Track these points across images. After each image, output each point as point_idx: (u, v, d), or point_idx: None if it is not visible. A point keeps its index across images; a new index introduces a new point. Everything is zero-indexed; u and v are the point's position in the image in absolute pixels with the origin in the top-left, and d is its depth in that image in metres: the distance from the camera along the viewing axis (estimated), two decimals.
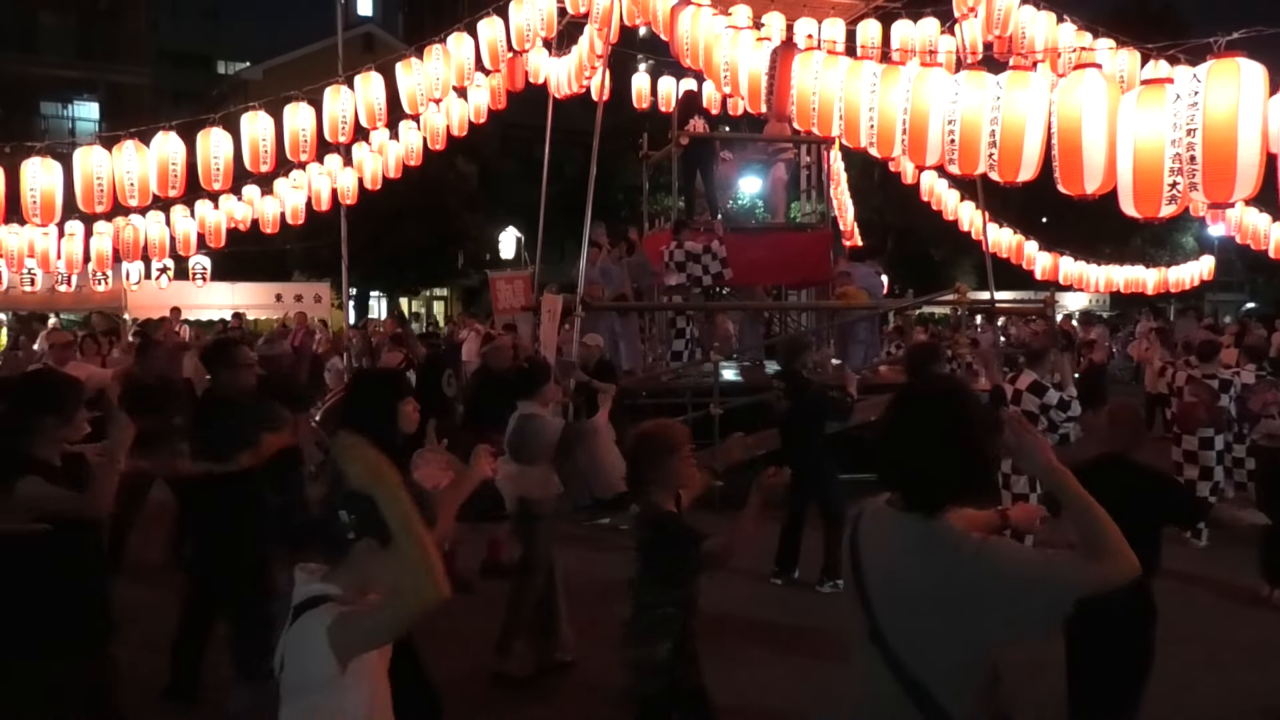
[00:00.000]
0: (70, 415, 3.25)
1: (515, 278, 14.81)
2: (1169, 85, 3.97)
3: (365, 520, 2.03)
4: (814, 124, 6.47)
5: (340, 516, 2.06)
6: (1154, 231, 29.64)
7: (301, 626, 2.00)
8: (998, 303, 12.68)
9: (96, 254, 12.53)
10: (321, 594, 2.04)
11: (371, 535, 2.03)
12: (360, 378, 3.67)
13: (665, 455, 3.18)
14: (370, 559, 2.05)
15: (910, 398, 2.15)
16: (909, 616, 1.96)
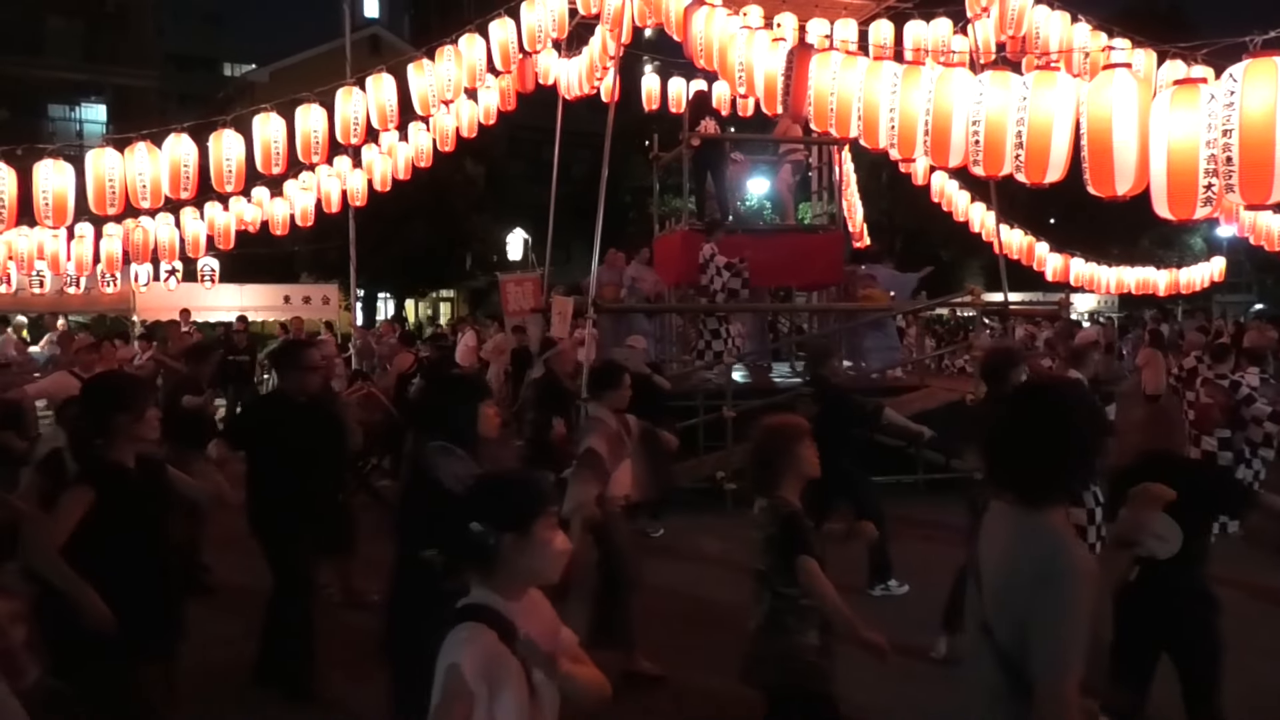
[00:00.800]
0: (142, 412, 3.26)
1: (525, 280, 14.77)
2: (1203, 85, 3.91)
3: (499, 518, 2.04)
4: (832, 125, 6.40)
5: (474, 528, 2.04)
6: (1162, 233, 29.55)
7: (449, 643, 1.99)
8: (1011, 305, 12.60)
9: (106, 256, 12.52)
10: (476, 604, 2.04)
11: (510, 529, 2.04)
12: (440, 381, 3.71)
13: (794, 446, 3.26)
14: (516, 552, 2.05)
15: (1023, 395, 2.25)
16: (1012, 609, 2.01)
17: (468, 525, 2.05)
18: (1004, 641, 2.01)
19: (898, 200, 24.53)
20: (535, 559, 2.07)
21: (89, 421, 3.26)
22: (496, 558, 2.04)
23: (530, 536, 2.06)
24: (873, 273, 11.42)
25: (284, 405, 4.77)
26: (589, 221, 10.21)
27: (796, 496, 3.27)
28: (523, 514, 2.07)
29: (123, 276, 15.93)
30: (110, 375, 4.34)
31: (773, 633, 3.22)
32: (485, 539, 2.03)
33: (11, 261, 12.61)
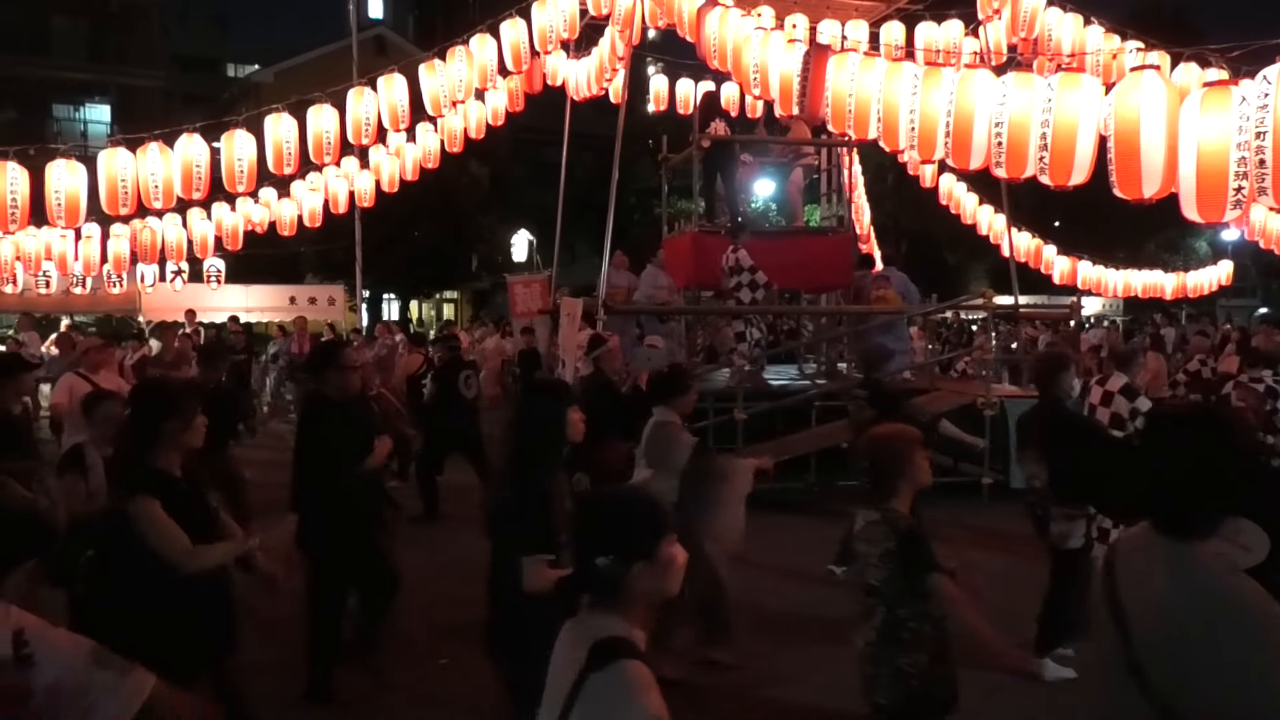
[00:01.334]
0: (190, 419, 3.23)
1: (532, 281, 14.73)
2: (1234, 87, 3.88)
3: (627, 549, 1.97)
4: (849, 126, 6.38)
5: (601, 563, 1.97)
6: (1167, 236, 29.53)
7: (623, 681, 1.87)
8: (1022, 308, 12.57)
9: (114, 256, 12.50)
10: (620, 638, 1.94)
11: (638, 557, 1.98)
12: (529, 386, 3.71)
13: (912, 455, 3.15)
14: (645, 579, 1.99)
15: (1166, 420, 2.12)
16: (1170, 646, 1.88)
17: (593, 559, 1.97)
18: (1159, 682, 1.89)
19: (904, 203, 24.51)
20: (661, 580, 2.02)
21: (137, 428, 3.23)
22: (626, 588, 1.97)
23: (657, 561, 2.00)
24: (888, 274, 11.38)
25: (326, 406, 4.74)
26: (593, 223, 10.21)
27: (908, 507, 3.17)
28: (651, 540, 2.01)
29: (129, 277, 15.91)
30: (159, 381, 4.28)
31: (887, 648, 3.13)
32: (615, 572, 1.97)
33: (18, 262, 12.60)
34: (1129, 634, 1.96)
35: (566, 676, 1.95)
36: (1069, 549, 4.66)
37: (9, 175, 7.40)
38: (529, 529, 3.10)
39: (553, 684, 2.04)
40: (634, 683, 1.86)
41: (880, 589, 3.12)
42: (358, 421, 4.78)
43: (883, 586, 3.12)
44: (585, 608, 2.01)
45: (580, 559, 2.02)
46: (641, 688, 1.86)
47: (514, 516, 3.19)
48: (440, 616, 5.99)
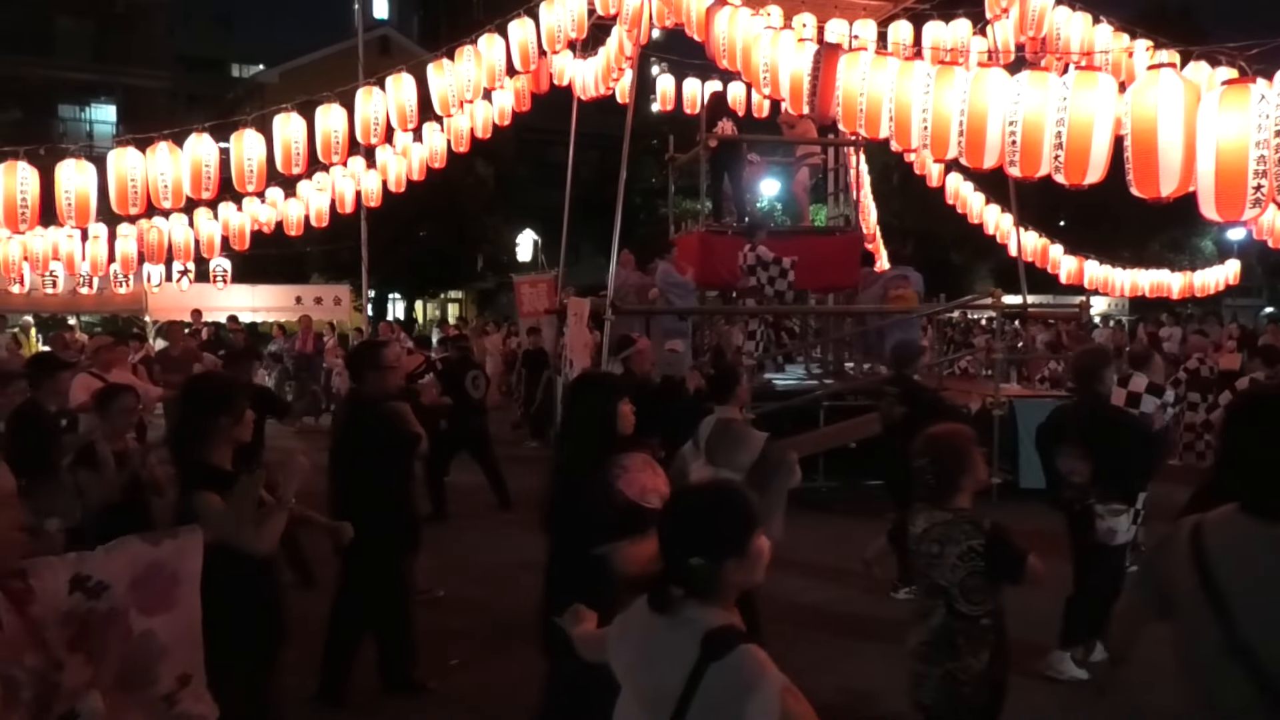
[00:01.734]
0: (240, 414, 3.26)
1: (539, 281, 14.74)
2: (1253, 85, 3.87)
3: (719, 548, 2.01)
4: (861, 125, 6.36)
5: (695, 563, 1.99)
6: (1172, 236, 29.47)
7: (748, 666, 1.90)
8: (1031, 307, 12.55)
9: (121, 256, 12.50)
10: (734, 626, 1.99)
11: (731, 554, 2.01)
12: (580, 380, 3.71)
13: (971, 454, 3.17)
14: (736, 573, 2.02)
15: (1257, 404, 2.15)
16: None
17: (686, 558, 2.00)
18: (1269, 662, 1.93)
19: (909, 203, 24.46)
20: (750, 573, 2.05)
21: (187, 424, 3.24)
22: (719, 582, 2.01)
23: (748, 555, 2.03)
24: (906, 273, 11.35)
25: (364, 407, 4.70)
26: (598, 222, 10.21)
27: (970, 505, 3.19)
28: (743, 537, 2.04)
29: (136, 277, 15.93)
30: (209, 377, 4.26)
31: (940, 651, 3.13)
32: (709, 570, 1.99)
33: (25, 262, 12.61)
34: (1231, 617, 1.97)
35: (674, 671, 1.94)
36: (1114, 545, 4.67)
37: (19, 175, 7.41)
38: (596, 521, 3.15)
39: (651, 680, 2.03)
40: (759, 663, 1.89)
41: (948, 589, 3.10)
42: (398, 422, 4.73)
43: (952, 587, 3.09)
44: (677, 600, 2.02)
45: (672, 556, 2.03)
46: (767, 666, 1.90)
47: (578, 510, 3.23)
48: (449, 616, 5.99)
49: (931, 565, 3.14)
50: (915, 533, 3.23)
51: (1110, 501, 4.54)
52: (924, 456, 3.19)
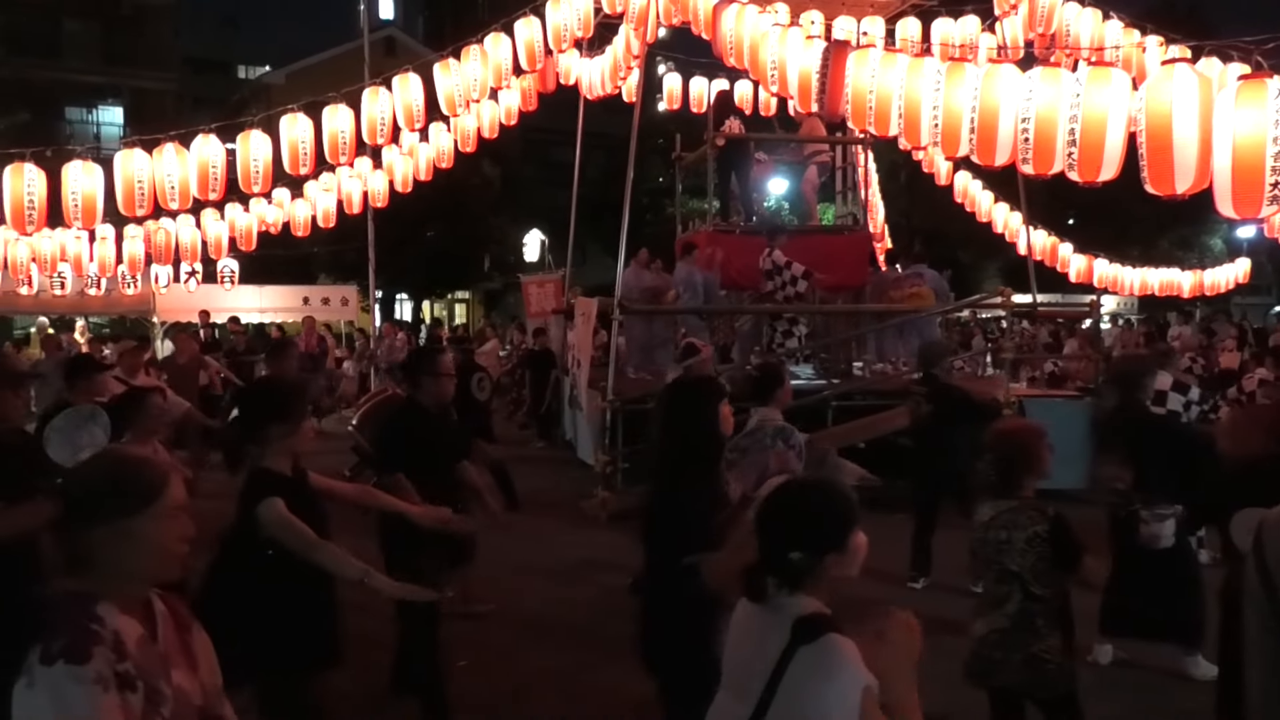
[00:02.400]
0: (299, 423, 3.22)
1: (546, 281, 14.73)
2: (1270, 80, 3.81)
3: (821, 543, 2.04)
4: (870, 123, 6.32)
5: (795, 558, 2.03)
6: (1181, 234, 29.32)
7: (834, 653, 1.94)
8: (1040, 306, 12.47)
9: (129, 257, 12.52)
10: (824, 614, 2.02)
11: (831, 549, 2.04)
12: (679, 385, 3.67)
13: (1037, 448, 3.29)
14: (836, 567, 2.05)
15: None
16: None
17: (785, 552, 2.03)
18: None
19: (916, 201, 24.39)
20: (849, 567, 2.07)
21: (245, 429, 3.21)
22: (817, 576, 2.04)
23: (847, 550, 2.06)
24: (920, 271, 11.28)
25: (420, 415, 4.52)
26: (604, 222, 10.17)
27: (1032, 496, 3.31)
28: (843, 532, 2.07)
29: (143, 278, 15.94)
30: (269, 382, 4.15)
31: (1021, 634, 3.23)
32: (810, 565, 2.03)
33: (34, 263, 12.63)
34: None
35: (762, 654, 2.00)
36: (1161, 550, 4.64)
37: (26, 177, 7.42)
38: (700, 528, 3.12)
39: (740, 664, 2.11)
40: (844, 652, 1.93)
41: (1020, 574, 3.21)
42: (453, 429, 4.64)
43: (1024, 571, 3.21)
44: (774, 590, 2.06)
45: (771, 550, 2.06)
46: (852, 657, 1.93)
47: (683, 517, 3.21)
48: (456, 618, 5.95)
49: (1001, 551, 3.25)
50: (981, 521, 3.35)
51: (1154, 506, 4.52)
52: (991, 451, 3.33)
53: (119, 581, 1.76)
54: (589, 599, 6.44)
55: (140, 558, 1.77)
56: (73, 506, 1.77)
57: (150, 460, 1.88)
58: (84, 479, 1.81)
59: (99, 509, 1.74)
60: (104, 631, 1.68)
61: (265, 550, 2.96)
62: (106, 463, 1.86)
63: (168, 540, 1.81)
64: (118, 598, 1.74)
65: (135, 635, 1.73)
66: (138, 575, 1.80)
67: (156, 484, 1.80)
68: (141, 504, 1.77)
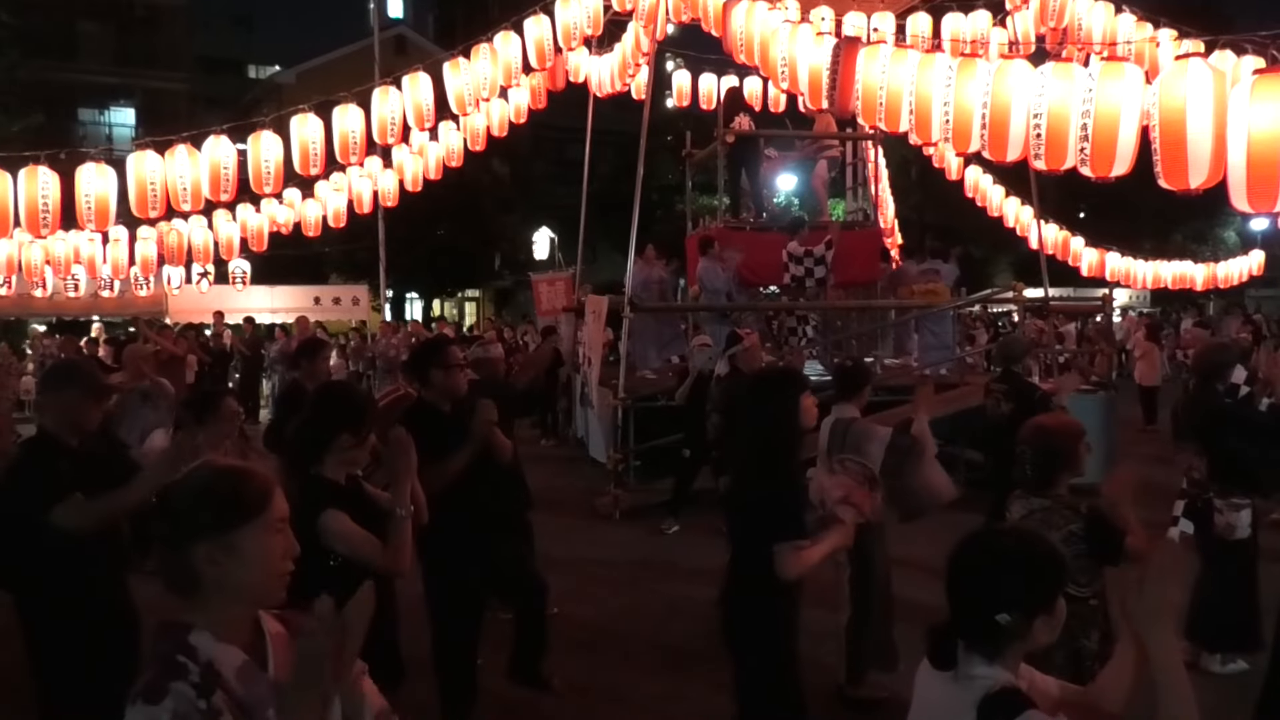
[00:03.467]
0: (365, 436, 3.12)
1: (556, 279, 14.73)
2: None
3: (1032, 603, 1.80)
4: (880, 119, 6.30)
5: (1003, 620, 1.77)
6: (1195, 227, 29.13)
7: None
8: (1053, 301, 12.41)
9: (141, 259, 12.59)
10: (1016, 688, 1.78)
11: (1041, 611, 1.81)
12: (760, 379, 3.62)
13: (1075, 448, 3.22)
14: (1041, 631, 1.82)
15: None
16: None
17: (991, 613, 1.77)
18: None
19: (927, 197, 24.31)
20: (1051, 633, 1.83)
21: (312, 435, 3.09)
22: (1020, 643, 1.80)
23: (1055, 613, 1.83)
24: (936, 267, 11.25)
25: (430, 416, 4.12)
26: (614, 220, 10.17)
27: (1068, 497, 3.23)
28: (1054, 592, 1.84)
29: (156, 279, 16.01)
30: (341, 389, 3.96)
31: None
32: (1017, 628, 1.78)
33: (48, 265, 12.71)
34: None
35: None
36: (1236, 540, 4.61)
37: (40, 179, 7.46)
38: (786, 522, 3.12)
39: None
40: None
41: None
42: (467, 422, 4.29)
43: None
44: (964, 656, 1.82)
45: (970, 608, 1.82)
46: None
47: (769, 511, 3.18)
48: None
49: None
50: (1010, 520, 3.27)
51: (1230, 496, 4.49)
52: (1027, 445, 3.24)
53: (223, 603, 1.65)
54: (602, 597, 6.44)
55: (248, 575, 1.65)
56: (173, 522, 1.65)
57: (253, 471, 1.75)
58: (183, 492, 1.68)
59: (200, 523, 1.62)
60: (192, 665, 1.57)
61: (327, 559, 2.85)
62: (210, 473, 1.71)
63: (272, 556, 1.69)
64: (218, 623, 1.64)
65: (235, 665, 1.62)
66: (246, 596, 1.69)
67: (260, 496, 1.69)
68: (245, 517, 1.65)
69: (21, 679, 3.43)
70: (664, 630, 5.91)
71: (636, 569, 7.25)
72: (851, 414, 4.66)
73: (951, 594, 1.84)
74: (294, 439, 3.22)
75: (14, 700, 3.94)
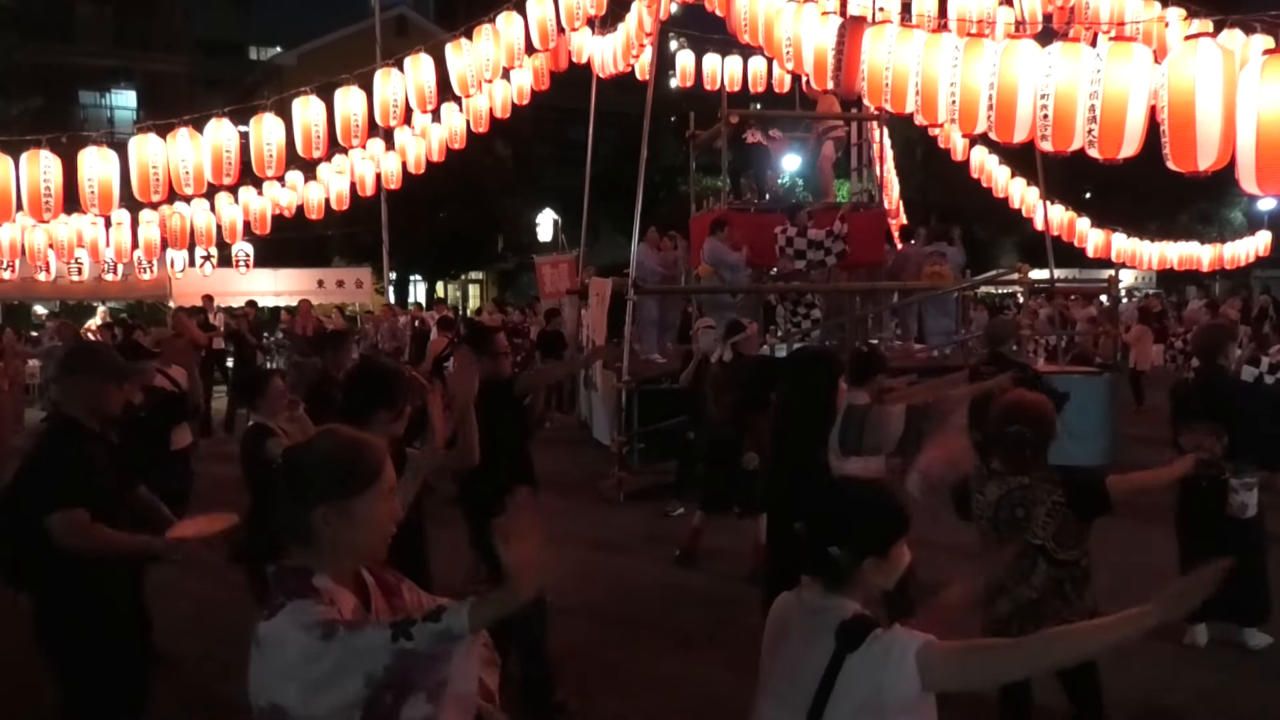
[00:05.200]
0: (402, 409, 3.24)
1: (560, 261, 14.69)
2: None
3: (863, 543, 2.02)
4: (886, 100, 6.25)
5: (834, 553, 2.02)
6: (1200, 208, 28.98)
7: (878, 646, 1.94)
8: (1058, 282, 12.37)
9: (144, 242, 12.58)
10: (864, 614, 2.01)
11: (871, 552, 2.03)
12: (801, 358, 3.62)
13: (1052, 424, 3.29)
14: (872, 573, 2.04)
15: None
16: None
17: (826, 545, 2.03)
18: None
19: (932, 178, 24.20)
20: (886, 578, 2.06)
21: (352, 411, 3.16)
22: (853, 578, 2.03)
23: (888, 559, 2.05)
24: (942, 250, 11.21)
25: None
26: (617, 201, 10.12)
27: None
28: (887, 539, 2.05)
29: (159, 263, 16.01)
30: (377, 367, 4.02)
31: (1052, 602, 3.24)
32: (845, 562, 2.02)
33: (51, 250, 12.70)
34: None
35: (808, 663, 2.00)
36: (1246, 519, 4.62)
37: (42, 164, 7.43)
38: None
39: (783, 672, 2.10)
40: (892, 646, 1.91)
41: (1043, 545, 3.24)
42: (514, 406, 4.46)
43: (1047, 541, 3.22)
44: (810, 585, 2.08)
45: (813, 541, 2.06)
46: (896, 639, 1.92)
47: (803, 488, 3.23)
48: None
49: (1019, 527, 3.25)
50: (987, 502, 3.33)
51: (1243, 475, 4.50)
52: (1017, 423, 3.28)
53: (336, 557, 1.82)
54: (608, 578, 6.45)
55: (359, 536, 1.83)
56: (297, 484, 1.82)
57: (369, 443, 1.91)
58: (309, 458, 1.85)
59: (320, 488, 1.79)
60: (324, 595, 1.76)
61: None
62: (332, 443, 1.88)
63: (383, 520, 1.88)
64: (333, 571, 1.81)
65: (351, 605, 1.80)
66: (355, 552, 1.86)
67: (377, 465, 1.85)
68: (365, 484, 1.82)
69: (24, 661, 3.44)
70: (669, 612, 5.94)
71: (641, 551, 7.27)
72: (864, 400, 4.63)
73: (803, 529, 2.11)
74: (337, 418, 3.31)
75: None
